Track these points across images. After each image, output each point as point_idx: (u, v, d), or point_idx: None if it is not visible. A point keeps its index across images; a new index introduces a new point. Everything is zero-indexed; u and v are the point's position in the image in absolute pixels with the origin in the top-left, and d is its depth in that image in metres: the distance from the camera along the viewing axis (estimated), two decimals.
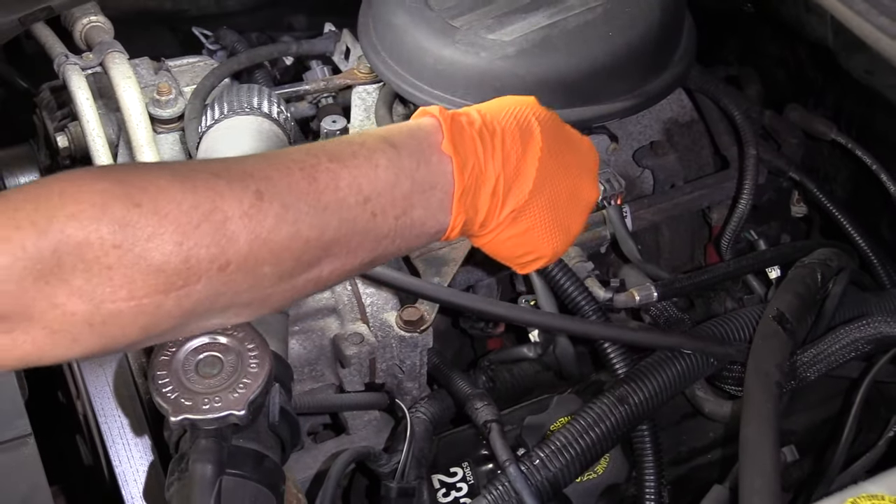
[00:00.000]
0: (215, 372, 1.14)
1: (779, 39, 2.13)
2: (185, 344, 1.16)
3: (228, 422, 1.10)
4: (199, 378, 1.14)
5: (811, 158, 2.04)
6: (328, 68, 1.89)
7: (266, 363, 1.14)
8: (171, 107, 1.66)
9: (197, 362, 1.15)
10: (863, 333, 1.43)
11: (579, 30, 1.54)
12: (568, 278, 1.51)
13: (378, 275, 1.40)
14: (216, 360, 1.15)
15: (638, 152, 1.76)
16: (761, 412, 1.33)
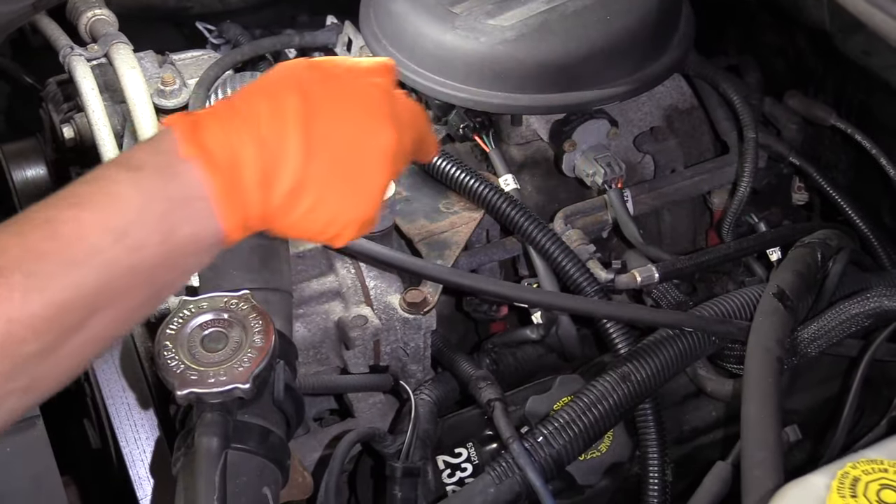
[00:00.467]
0: (221, 347, 1.16)
1: (778, 28, 2.15)
2: (191, 319, 1.18)
3: (233, 395, 1.12)
4: (204, 353, 1.16)
5: (812, 147, 2.05)
6: None
7: (270, 337, 1.16)
8: (176, 97, 1.68)
9: (203, 337, 1.17)
10: (863, 308, 1.44)
11: (577, 14, 1.56)
12: (569, 260, 1.52)
13: (381, 255, 1.42)
14: (221, 335, 1.17)
15: (639, 138, 1.78)
16: (762, 387, 1.33)
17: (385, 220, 1.49)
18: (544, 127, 1.69)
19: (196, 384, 1.12)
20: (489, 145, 1.65)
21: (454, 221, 1.60)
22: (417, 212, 1.61)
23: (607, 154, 1.64)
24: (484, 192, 1.56)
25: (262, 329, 1.17)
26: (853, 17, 1.52)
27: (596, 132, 1.65)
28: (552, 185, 1.74)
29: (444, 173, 1.59)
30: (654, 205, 1.73)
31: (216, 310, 1.19)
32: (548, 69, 1.55)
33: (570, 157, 1.66)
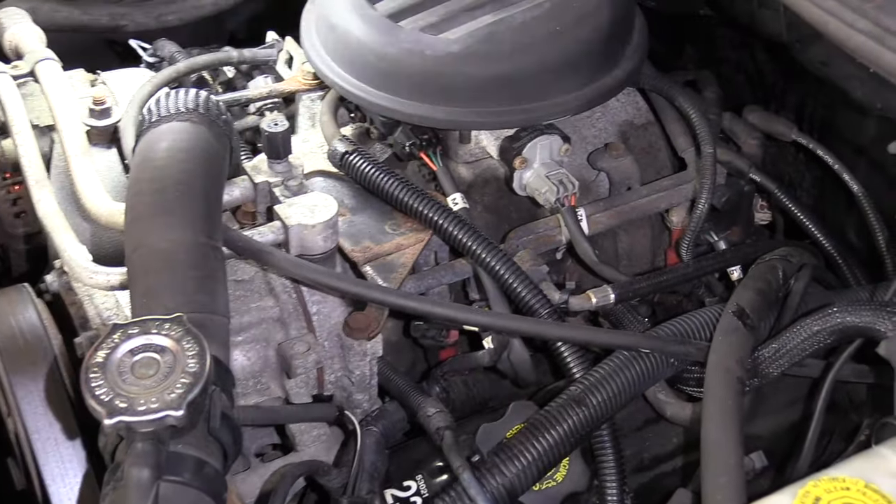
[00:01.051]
0: (152, 372, 1.16)
1: (736, 43, 2.19)
2: (120, 345, 1.18)
3: (166, 423, 1.11)
4: (135, 379, 1.15)
5: (774, 164, 2.09)
6: (271, 78, 1.92)
7: (205, 362, 1.16)
8: (107, 117, 1.68)
9: (133, 363, 1.17)
10: (825, 324, 1.45)
11: (526, 26, 1.58)
12: (521, 282, 1.53)
13: (323, 279, 1.42)
14: (152, 361, 1.17)
15: (593, 154, 1.80)
16: (722, 408, 1.35)
17: (327, 241, 1.49)
18: (494, 144, 1.70)
19: (125, 412, 1.12)
20: (436, 163, 1.67)
21: (400, 243, 1.60)
22: (362, 233, 1.62)
23: (560, 171, 1.66)
24: (431, 213, 1.57)
25: (196, 353, 1.17)
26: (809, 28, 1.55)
27: (548, 148, 1.67)
28: (503, 205, 1.76)
29: (390, 193, 1.60)
30: (609, 224, 1.74)
31: (147, 334, 1.18)
32: (496, 83, 1.56)
33: (520, 175, 1.67)
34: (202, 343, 1.17)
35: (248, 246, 1.43)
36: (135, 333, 1.19)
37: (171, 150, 1.40)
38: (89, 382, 1.14)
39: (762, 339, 1.52)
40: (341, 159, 1.64)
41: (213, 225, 1.35)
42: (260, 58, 1.91)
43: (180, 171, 1.37)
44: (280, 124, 1.56)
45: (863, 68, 1.49)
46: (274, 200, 1.56)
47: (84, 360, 1.16)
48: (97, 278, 1.45)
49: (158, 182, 1.36)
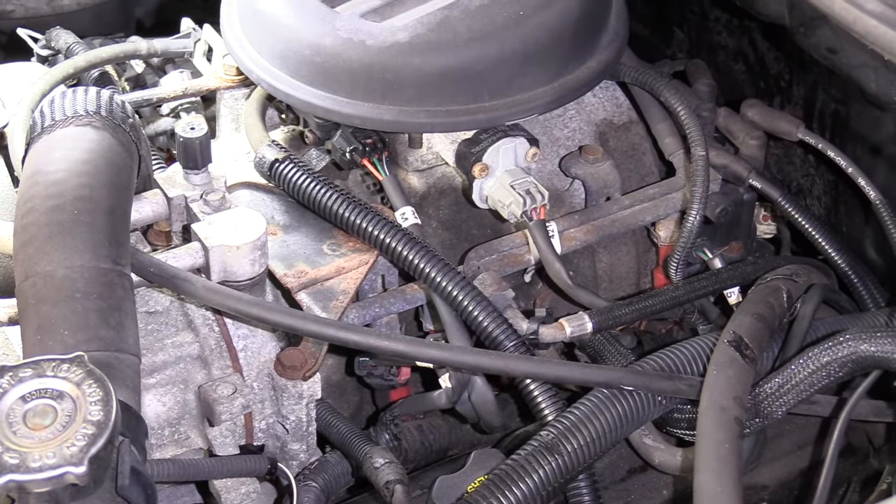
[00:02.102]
0: (48, 422, 1.18)
1: (734, 28, 2.24)
2: (9, 390, 1.20)
3: (65, 482, 1.13)
4: (27, 430, 1.17)
5: (780, 169, 2.13)
6: (187, 73, 1.94)
7: (111, 408, 1.18)
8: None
9: (25, 412, 1.19)
10: (836, 355, 1.49)
11: (484, 9, 1.62)
12: (483, 309, 1.56)
13: (250, 310, 1.44)
14: (48, 409, 1.19)
15: (565, 160, 1.84)
16: (718, 453, 1.39)
17: (255, 265, 1.52)
18: (449, 148, 1.74)
19: (17, 470, 1.13)
20: (382, 172, 1.70)
21: (341, 266, 1.63)
22: (296, 254, 1.65)
23: (526, 179, 1.69)
24: (377, 230, 1.60)
25: (100, 399, 1.19)
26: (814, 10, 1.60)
27: (512, 153, 1.70)
28: (461, 219, 1.79)
29: (328, 207, 1.62)
30: (586, 240, 1.78)
31: (42, 377, 1.20)
32: (450, 77, 1.61)
33: (481, 185, 1.71)
34: (107, 386, 1.19)
35: (162, 272, 1.45)
36: (27, 376, 1.21)
37: (68, 161, 1.42)
38: None
39: (764, 373, 1.56)
40: (270, 168, 1.67)
41: (120, 248, 1.37)
42: (173, 50, 1.94)
43: (80, 184, 1.39)
44: (198, 128, 1.59)
45: (876, 56, 1.54)
46: (192, 218, 1.58)
47: None
48: None
49: (54, 198, 1.38)
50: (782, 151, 2.14)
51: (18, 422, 1.17)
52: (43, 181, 1.40)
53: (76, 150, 1.43)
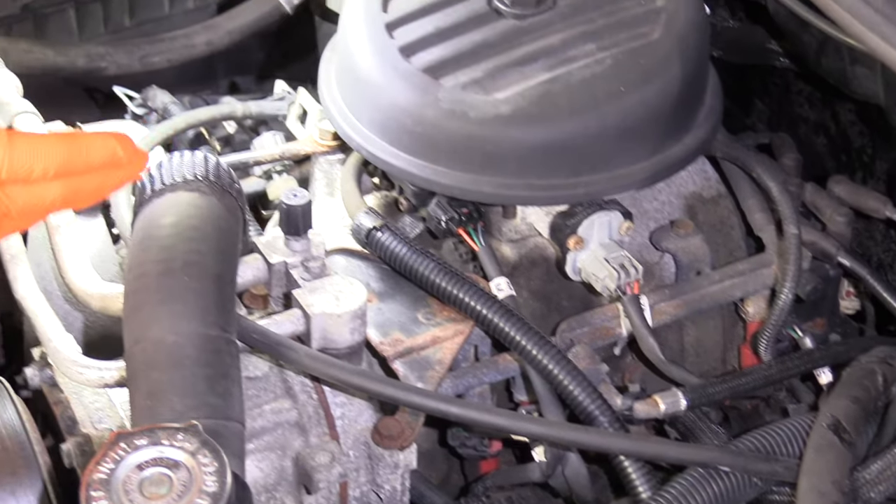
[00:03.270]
0: (163, 492, 1.19)
1: (816, 100, 2.25)
2: (125, 459, 1.21)
3: None
4: (143, 499, 1.18)
5: (862, 244, 2.13)
6: (280, 135, 1.97)
7: (225, 480, 1.19)
8: None
9: (141, 480, 1.20)
10: None
11: (585, 84, 1.63)
12: (578, 383, 1.57)
13: (349, 378, 1.45)
14: (164, 478, 1.20)
15: (656, 233, 1.84)
16: None
17: (355, 333, 1.53)
18: (544, 220, 1.75)
19: None
20: (478, 242, 1.71)
21: (437, 335, 1.64)
22: (391, 322, 1.66)
23: (621, 253, 1.70)
24: (473, 300, 1.60)
25: (214, 470, 1.20)
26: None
27: (606, 226, 1.71)
28: (552, 291, 1.80)
29: (424, 276, 1.63)
30: (676, 314, 1.79)
31: (157, 445, 1.22)
32: (551, 150, 1.62)
33: (574, 257, 1.72)
34: (222, 458, 1.20)
35: (266, 339, 1.46)
36: (143, 445, 1.22)
37: (178, 227, 1.43)
38: (90, 501, 1.18)
39: (860, 457, 1.55)
40: (367, 236, 1.69)
41: (227, 315, 1.39)
42: (267, 112, 1.97)
43: (190, 250, 1.41)
44: (300, 195, 1.60)
45: None
46: (291, 284, 1.60)
47: (84, 476, 1.19)
48: (88, 374, 1.48)
49: (164, 263, 1.39)
50: (863, 226, 2.14)
51: (135, 490, 1.18)
52: (154, 246, 1.42)
53: (186, 216, 1.45)
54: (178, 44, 2.36)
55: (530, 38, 1.69)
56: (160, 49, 2.34)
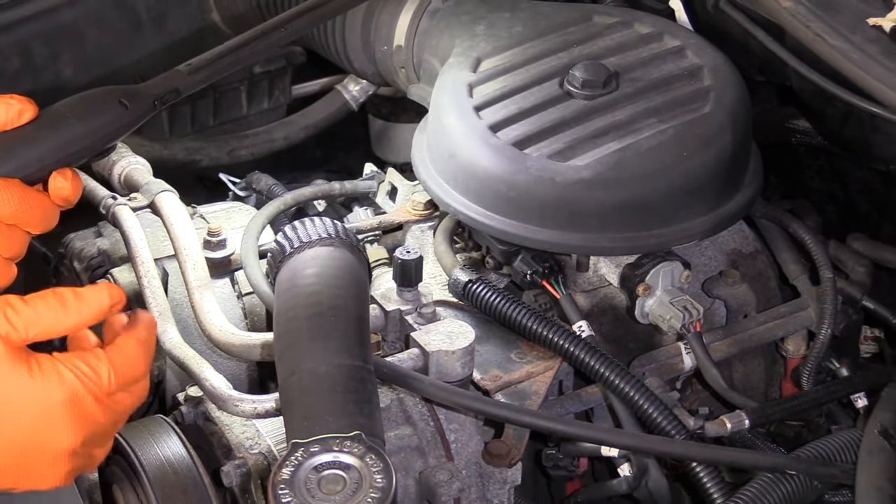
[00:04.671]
0: (339, 489, 1.33)
1: (825, 174, 2.42)
2: (303, 463, 1.35)
3: None
4: (323, 495, 1.32)
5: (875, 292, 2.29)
6: (370, 210, 2.13)
7: (391, 477, 1.33)
8: (222, 248, 1.88)
9: (319, 480, 1.34)
10: None
11: (652, 151, 1.78)
12: (656, 408, 1.71)
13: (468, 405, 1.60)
14: (338, 478, 1.34)
15: (707, 283, 1.99)
16: None
17: (465, 367, 1.67)
18: (613, 272, 1.90)
19: None
20: (560, 291, 1.86)
21: (530, 371, 1.78)
22: (489, 362, 1.79)
23: (683, 297, 1.85)
24: (562, 340, 1.74)
25: (381, 469, 1.34)
26: None
27: (670, 275, 1.86)
28: (620, 334, 1.94)
29: (517, 321, 1.77)
30: (729, 352, 1.93)
31: (329, 452, 1.36)
32: (627, 208, 1.76)
33: (643, 302, 1.87)
34: (387, 460, 1.34)
35: (394, 371, 1.61)
36: (317, 451, 1.36)
37: (321, 276, 1.58)
38: (279, 499, 1.31)
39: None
40: (464, 288, 1.84)
41: (367, 350, 1.53)
42: (360, 190, 2.13)
43: (334, 295, 1.55)
44: (413, 252, 1.76)
45: None
46: (406, 329, 1.75)
47: (270, 479, 1.33)
48: (243, 406, 1.62)
49: (313, 308, 1.54)
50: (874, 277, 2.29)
51: (315, 488, 1.32)
52: (302, 293, 1.56)
53: (327, 266, 1.60)
54: (260, 139, 2.54)
55: (600, 116, 1.83)
56: (245, 144, 2.52)
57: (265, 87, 2.67)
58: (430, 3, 2.12)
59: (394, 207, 2.11)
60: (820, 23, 1.79)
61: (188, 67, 1.54)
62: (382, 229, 2.05)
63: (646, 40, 1.98)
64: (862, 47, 1.74)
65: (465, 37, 2.03)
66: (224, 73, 1.59)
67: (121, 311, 1.44)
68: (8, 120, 1.37)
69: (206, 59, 1.56)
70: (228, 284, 1.92)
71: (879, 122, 1.89)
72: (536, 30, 2.01)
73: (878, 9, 1.83)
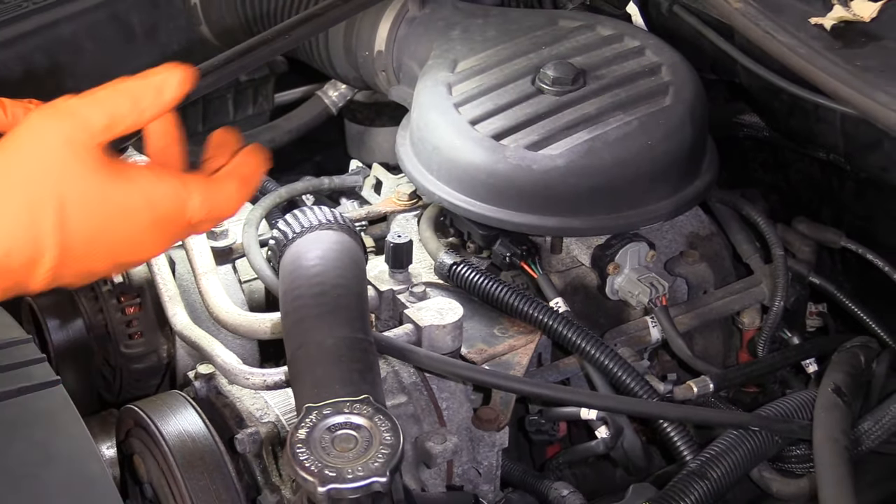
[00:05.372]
0: (352, 446, 1.37)
1: (770, 166, 2.49)
2: (318, 424, 1.39)
3: (371, 489, 1.33)
4: (337, 453, 1.36)
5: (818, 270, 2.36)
6: (357, 203, 2.17)
7: (399, 435, 1.37)
8: (225, 238, 1.92)
9: (332, 439, 1.38)
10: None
11: (620, 141, 1.84)
12: (629, 374, 1.76)
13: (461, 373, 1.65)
14: (350, 437, 1.38)
15: (669, 262, 2.05)
16: (837, 473, 1.58)
17: (455, 341, 1.72)
18: (585, 253, 1.96)
19: (336, 480, 1.32)
20: (537, 271, 1.91)
21: (512, 344, 1.82)
22: (474, 337, 1.83)
23: (650, 274, 1.91)
24: (542, 315, 1.79)
25: (389, 428, 1.38)
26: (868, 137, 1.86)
27: (637, 255, 1.92)
28: (592, 310, 1.99)
29: (500, 299, 1.82)
30: (691, 325, 1.99)
31: (341, 413, 1.40)
32: (598, 192, 1.82)
33: (613, 280, 1.93)
34: (393, 420, 1.39)
35: (391, 344, 1.66)
36: (330, 413, 1.40)
37: (323, 257, 1.62)
38: (297, 457, 1.35)
39: (855, 417, 1.76)
40: (449, 270, 1.88)
41: (367, 324, 1.57)
42: (348, 184, 2.17)
43: (336, 275, 1.59)
44: (403, 236, 1.81)
45: None
46: (398, 307, 1.79)
47: (288, 440, 1.37)
48: (253, 379, 1.66)
49: (318, 286, 1.58)
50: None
51: (329, 447, 1.36)
52: (306, 273, 1.60)
53: (328, 249, 1.64)
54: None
55: (570, 110, 1.88)
56: None
57: (250, 94, 2.69)
58: (408, 11, 2.16)
59: (379, 199, 2.15)
60: (769, 21, 1.84)
61: (199, 72, 1.57)
62: (370, 219, 2.10)
63: (608, 41, 2.04)
64: (808, 43, 1.80)
65: (442, 41, 2.08)
66: (232, 76, 1.61)
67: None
68: None
69: (214, 63, 1.58)
70: (231, 271, 1.95)
71: (823, 112, 1.96)
72: (507, 33, 2.06)
73: (819, 9, 1.89)
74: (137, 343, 1.96)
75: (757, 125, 2.33)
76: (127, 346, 1.96)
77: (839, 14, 1.84)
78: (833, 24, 1.85)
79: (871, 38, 1.82)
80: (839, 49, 1.80)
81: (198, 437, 1.63)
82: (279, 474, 1.65)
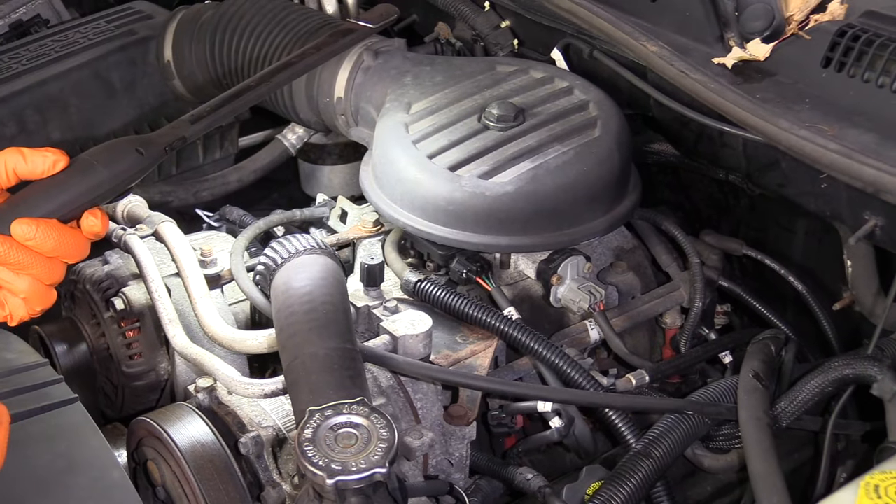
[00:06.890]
0: (353, 442, 1.38)
1: (675, 187, 2.54)
2: (321, 424, 1.39)
3: (373, 480, 1.33)
4: (341, 449, 1.37)
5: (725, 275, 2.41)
6: (325, 231, 2.17)
7: (394, 431, 1.38)
8: (213, 266, 1.91)
9: (335, 437, 1.38)
10: (827, 377, 1.75)
11: (560, 168, 1.86)
12: (576, 371, 1.79)
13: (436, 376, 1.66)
14: (351, 434, 1.39)
15: (601, 273, 2.08)
16: (763, 447, 1.62)
17: (426, 348, 1.73)
18: (531, 267, 1.98)
19: (342, 473, 1.33)
20: (491, 285, 1.93)
21: (474, 349, 1.84)
22: (439, 344, 1.84)
23: (588, 283, 1.94)
24: (498, 322, 1.81)
25: (385, 425, 1.39)
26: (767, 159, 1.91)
27: (576, 267, 1.95)
28: (537, 318, 2.01)
29: (461, 310, 1.83)
30: (623, 326, 2.03)
31: (341, 414, 1.40)
32: (543, 213, 1.84)
33: (556, 290, 1.95)
34: (387, 418, 1.40)
35: (372, 353, 1.67)
36: (331, 415, 1.40)
37: (311, 279, 1.63)
38: (306, 454, 1.35)
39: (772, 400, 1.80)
40: (414, 287, 1.89)
41: (353, 335, 1.58)
42: (316, 215, 2.16)
43: (324, 293, 1.60)
44: (376, 258, 1.81)
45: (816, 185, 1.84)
46: (373, 320, 1.79)
47: (296, 439, 1.37)
48: (252, 388, 1.65)
49: (308, 304, 1.58)
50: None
51: (333, 443, 1.37)
52: (296, 293, 1.61)
53: (315, 270, 1.65)
54: (218, 182, 2.54)
55: (514, 143, 1.90)
56: (206, 186, 2.52)
57: (217, 139, 2.67)
58: (364, 61, 2.17)
59: (345, 228, 2.15)
60: (681, 62, 1.89)
61: (191, 118, 1.55)
62: (338, 245, 2.09)
63: (541, 82, 2.07)
64: (716, 79, 1.85)
65: (396, 86, 2.09)
66: (222, 121, 1.61)
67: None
68: (45, 169, 1.36)
69: (205, 110, 1.57)
70: (220, 295, 1.94)
71: (727, 138, 2.00)
72: (453, 78, 2.09)
73: (720, 51, 1.94)
74: (138, 363, 1.94)
75: (664, 152, 2.37)
76: (128, 365, 1.94)
77: (738, 54, 1.90)
78: (734, 63, 1.90)
79: (767, 74, 1.88)
80: (740, 84, 1.86)
81: (206, 443, 1.62)
82: (279, 472, 1.64)
